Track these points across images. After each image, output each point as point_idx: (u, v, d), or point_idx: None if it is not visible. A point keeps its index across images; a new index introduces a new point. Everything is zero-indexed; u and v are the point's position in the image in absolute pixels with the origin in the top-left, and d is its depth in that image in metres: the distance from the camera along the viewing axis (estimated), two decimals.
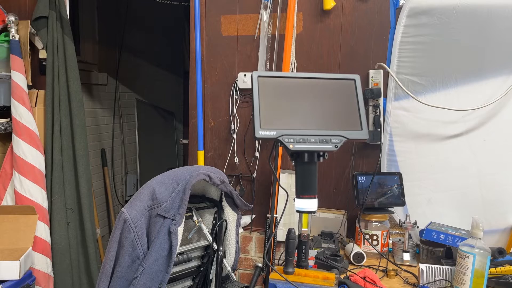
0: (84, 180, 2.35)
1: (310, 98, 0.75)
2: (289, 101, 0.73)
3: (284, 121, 0.71)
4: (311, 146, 0.71)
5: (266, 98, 0.71)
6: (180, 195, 1.26)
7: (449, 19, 1.78)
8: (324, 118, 0.75)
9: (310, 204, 0.69)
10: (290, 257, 1.37)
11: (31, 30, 2.30)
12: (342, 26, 2.03)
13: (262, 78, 0.71)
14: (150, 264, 1.22)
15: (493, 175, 1.77)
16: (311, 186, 0.72)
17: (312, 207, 0.69)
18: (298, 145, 0.70)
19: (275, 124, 0.69)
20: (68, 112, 2.32)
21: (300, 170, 0.71)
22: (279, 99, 0.72)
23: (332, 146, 0.73)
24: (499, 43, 1.75)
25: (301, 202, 0.70)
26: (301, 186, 0.71)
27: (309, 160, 0.72)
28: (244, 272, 2.29)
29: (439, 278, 1.46)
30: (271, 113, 0.70)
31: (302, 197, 0.70)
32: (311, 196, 0.70)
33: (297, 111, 0.73)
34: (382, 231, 1.78)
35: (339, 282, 1.36)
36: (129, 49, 4.00)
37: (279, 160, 2.08)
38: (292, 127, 0.71)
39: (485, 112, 1.77)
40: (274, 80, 0.73)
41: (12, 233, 1.89)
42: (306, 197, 0.70)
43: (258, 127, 0.69)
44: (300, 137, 0.70)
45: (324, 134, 0.72)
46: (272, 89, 0.72)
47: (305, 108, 0.74)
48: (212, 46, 2.21)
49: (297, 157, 0.71)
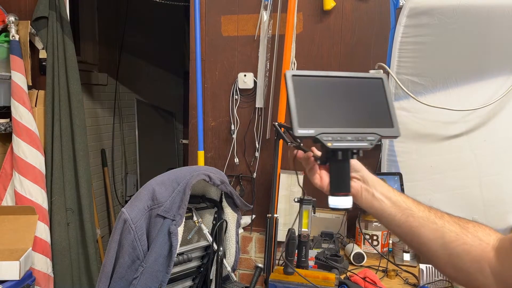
0: (84, 180, 2.35)
1: (342, 97, 0.77)
2: (322, 99, 0.75)
3: (320, 119, 0.72)
4: (348, 144, 0.72)
5: (301, 97, 0.71)
6: (180, 196, 1.26)
7: (449, 19, 1.78)
8: (357, 116, 0.76)
9: (345, 201, 0.72)
10: (290, 257, 1.37)
11: (31, 31, 2.30)
12: (342, 26, 2.03)
13: (295, 77, 0.73)
14: (150, 264, 1.22)
15: (493, 175, 1.77)
16: (345, 183, 0.73)
17: (347, 204, 0.72)
18: (336, 143, 0.71)
19: (312, 122, 0.71)
20: (68, 112, 2.32)
21: (334, 169, 0.73)
22: (313, 97, 0.73)
23: (368, 143, 0.74)
24: (499, 43, 1.75)
25: (335, 199, 0.71)
26: (335, 184, 0.73)
27: (343, 158, 0.72)
28: (244, 273, 2.29)
29: (439, 278, 1.46)
30: (306, 111, 0.71)
31: (336, 194, 0.73)
32: (346, 194, 0.72)
33: (331, 110, 0.75)
34: (382, 231, 1.78)
35: (339, 283, 1.36)
36: (129, 49, 4.00)
37: (279, 160, 2.08)
38: (328, 126, 0.72)
39: (485, 113, 1.77)
40: (306, 79, 0.74)
41: (12, 233, 1.88)
42: (341, 195, 0.72)
43: (296, 126, 0.70)
44: (337, 135, 0.71)
45: (359, 132, 0.73)
46: (306, 88, 0.73)
47: (338, 107, 0.76)
48: (212, 46, 2.21)
49: (332, 155, 0.72)
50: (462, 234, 0.70)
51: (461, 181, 1.80)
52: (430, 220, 0.74)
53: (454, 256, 0.70)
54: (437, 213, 0.75)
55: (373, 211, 0.82)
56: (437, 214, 0.75)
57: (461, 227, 0.71)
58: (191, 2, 2.17)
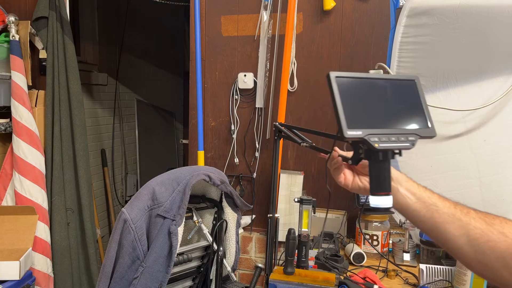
0: (84, 181, 2.35)
1: (381, 98, 0.78)
2: (365, 101, 0.76)
3: (365, 120, 0.73)
4: (393, 145, 0.73)
5: (345, 98, 0.73)
6: (180, 196, 1.26)
7: (449, 19, 1.78)
8: (396, 117, 0.78)
9: (386, 201, 0.73)
10: (290, 257, 1.37)
11: (31, 31, 2.30)
12: (342, 27, 2.03)
13: (338, 78, 0.74)
14: (150, 264, 1.22)
15: (494, 175, 1.77)
16: (385, 183, 0.74)
17: (388, 203, 0.73)
18: (382, 144, 0.72)
19: (358, 124, 0.72)
20: (68, 113, 2.32)
21: (375, 169, 0.74)
22: (356, 99, 0.75)
23: (410, 144, 0.75)
24: (499, 43, 1.75)
25: (376, 199, 0.73)
26: (376, 184, 0.74)
27: (384, 158, 0.73)
28: (244, 273, 2.29)
29: (439, 278, 1.46)
30: (352, 113, 0.72)
31: (377, 194, 0.73)
32: (387, 193, 0.73)
33: (373, 111, 0.76)
34: (382, 231, 1.78)
35: (339, 283, 1.36)
36: (129, 49, 4.00)
37: (279, 160, 2.08)
38: (373, 127, 0.73)
39: (485, 112, 1.77)
40: (348, 81, 0.76)
41: (12, 233, 1.88)
42: (382, 194, 0.73)
43: (345, 127, 0.71)
44: (382, 136, 0.72)
45: (401, 133, 0.75)
46: (348, 89, 0.74)
47: (379, 108, 0.77)
48: (212, 46, 2.21)
49: (373, 156, 0.73)
50: (487, 231, 0.70)
51: (461, 181, 1.80)
52: (455, 216, 0.75)
53: (479, 253, 0.70)
54: (463, 210, 0.76)
55: (398, 207, 0.82)
56: (462, 210, 0.75)
57: (487, 224, 0.71)
58: (191, 2, 2.17)
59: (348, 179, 0.86)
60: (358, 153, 0.80)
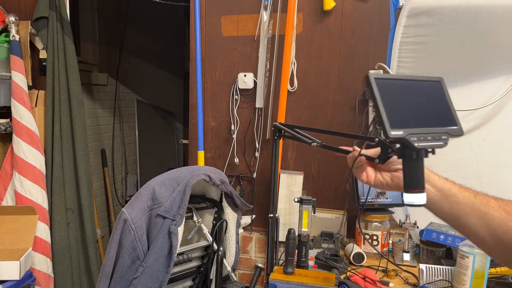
0: (84, 181, 2.35)
1: (415, 98, 0.81)
2: (401, 101, 0.78)
3: (403, 120, 0.75)
4: (429, 144, 0.75)
5: (385, 99, 0.75)
6: (180, 196, 1.26)
7: (449, 19, 1.78)
8: (429, 116, 0.80)
9: (419, 198, 0.74)
10: (290, 257, 1.37)
11: (31, 31, 2.31)
12: (342, 27, 2.03)
13: (378, 79, 0.76)
14: (150, 264, 1.22)
15: (493, 175, 1.77)
16: (419, 181, 0.75)
17: (422, 200, 0.75)
18: (421, 143, 0.74)
19: (398, 124, 0.74)
20: (68, 113, 2.32)
21: (409, 167, 0.76)
22: (394, 99, 0.77)
23: (443, 142, 0.77)
24: (499, 43, 1.75)
25: (410, 196, 0.75)
26: (410, 182, 0.76)
27: (418, 157, 0.75)
28: (244, 272, 2.29)
29: (439, 278, 1.46)
30: (392, 113, 0.74)
31: (411, 191, 0.75)
32: (420, 191, 0.75)
33: (409, 111, 0.78)
34: (382, 231, 1.78)
35: (339, 283, 1.36)
36: (129, 49, 4.00)
37: (279, 160, 2.08)
38: (411, 126, 0.75)
39: (485, 112, 1.77)
40: (385, 82, 0.78)
41: (12, 233, 1.88)
42: (415, 192, 0.75)
43: (388, 128, 0.72)
44: (420, 135, 0.74)
45: (435, 132, 0.77)
46: (387, 90, 0.76)
47: (413, 108, 0.80)
48: (212, 46, 2.21)
49: (407, 155, 0.75)
50: (507, 220, 0.71)
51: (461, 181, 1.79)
52: (474, 207, 0.76)
53: (500, 242, 0.71)
54: (483, 199, 0.77)
55: None
56: (482, 200, 0.76)
57: (507, 213, 0.72)
58: (191, 2, 2.17)
59: (370, 176, 0.87)
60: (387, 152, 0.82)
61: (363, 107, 2.02)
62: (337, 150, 1.00)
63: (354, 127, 2.03)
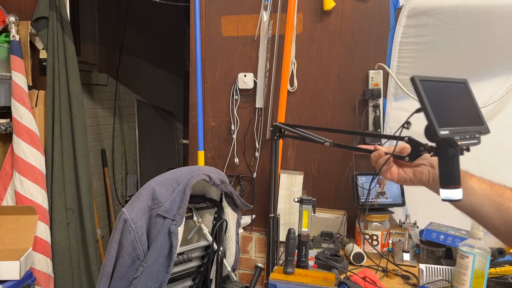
0: (84, 181, 2.35)
1: (450, 99, 0.86)
2: (441, 101, 0.82)
3: (446, 120, 0.80)
4: (468, 142, 0.79)
5: (430, 100, 0.79)
6: (180, 195, 1.26)
7: (449, 19, 1.78)
8: (463, 116, 0.85)
9: (456, 193, 0.79)
10: (290, 257, 1.37)
11: (31, 31, 2.31)
12: (342, 27, 2.03)
13: (422, 81, 0.80)
14: (150, 264, 1.22)
15: (494, 175, 1.76)
16: (455, 177, 0.79)
17: (458, 195, 0.79)
18: (462, 142, 0.78)
19: (443, 123, 0.78)
20: (69, 113, 2.32)
21: (446, 164, 0.80)
22: (437, 100, 0.81)
23: (477, 140, 0.81)
24: (498, 44, 1.75)
25: (447, 192, 0.79)
26: (447, 178, 0.80)
27: (455, 154, 0.79)
28: (244, 272, 2.30)
29: (439, 278, 1.46)
30: (438, 113, 0.79)
31: (447, 187, 0.79)
32: (456, 186, 0.79)
33: (448, 111, 0.83)
34: (382, 231, 1.79)
35: (339, 282, 1.36)
36: (129, 49, 4.00)
37: (279, 160, 2.08)
38: (451, 126, 0.79)
39: (485, 112, 1.76)
40: (429, 83, 0.82)
41: (13, 233, 1.89)
42: (451, 187, 0.79)
43: (437, 127, 0.77)
44: (461, 134, 0.79)
45: (470, 131, 0.81)
46: (430, 91, 0.81)
47: (451, 108, 0.84)
48: (212, 46, 2.21)
49: (444, 152, 0.79)
50: None
51: None
52: (490, 198, 0.80)
53: None
54: (499, 190, 0.81)
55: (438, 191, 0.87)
56: (498, 191, 0.81)
57: None
58: (191, 2, 2.17)
59: (394, 173, 0.91)
60: (419, 151, 0.86)
61: (363, 107, 2.02)
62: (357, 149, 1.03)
63: (354, 127, 2.04)
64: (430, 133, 0.78)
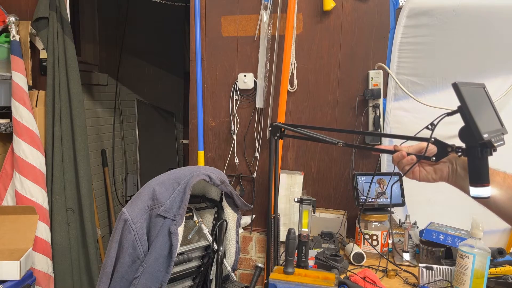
0: (84, 181, 2.35)
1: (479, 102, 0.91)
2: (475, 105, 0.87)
3: (484, 123, 0.84)
4: (499, 143, 0.84)
5: (471, 105, 0.84)
6: (181, 195, 1.27)
7: (448, 19, 1.78)
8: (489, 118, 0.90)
9: (485, 191, 0.85)
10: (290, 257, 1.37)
11: (31, 31, 2.31)
12: (342, 27, 2.03)
13: (463, 87, 0.86)
14: (150, 264, 1.22)
15: None
16: (485, 175, 0.84)
17: (487, 193, 0.85)
18: (496, 143, 0.83)
19: (482, 127, 0.83)
20: (69, 113, 2.32)
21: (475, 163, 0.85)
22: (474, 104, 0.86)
23: (503, 141, 0.87)
24: (498, 44, 1.75)
25: (477, 190, 0.85)
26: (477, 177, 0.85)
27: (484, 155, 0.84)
28: (244, 272, 2.30)
29: (439, 278, 1.46)
30: (478, 117, 0.83)
31: (477, 185, 0.85)
32: (485, 185, 0.84)
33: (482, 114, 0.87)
34: (382, 231, 1.79)
35: (339, 282, 1.36)
36: (129, 49, 4.01)
37: (279, 160, 2.08)
38: (488, 128, 0.84)
39: None
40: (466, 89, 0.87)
41: (13, 233, 1.89)
42: (480, 186, 0.84)
43: (482, 131, 0.81)
44: (494, 136, 0.83)
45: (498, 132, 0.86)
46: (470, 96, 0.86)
47: (482, 111, 0.89)
48: (212, 46, 2.21)
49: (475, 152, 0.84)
50: None
51: None
52: (502, 189, 0.87)
53: None
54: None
55: (458, 187, 0.93)
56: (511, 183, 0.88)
57: None
58: (191, 3, 2.18)
59: (416, 172, 0.97)
60: (446, 151, 0.91)
61: (363, 107, 2.02)
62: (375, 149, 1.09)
63: (354, 127, 2.04)
64: (472, 135, 0.82)
